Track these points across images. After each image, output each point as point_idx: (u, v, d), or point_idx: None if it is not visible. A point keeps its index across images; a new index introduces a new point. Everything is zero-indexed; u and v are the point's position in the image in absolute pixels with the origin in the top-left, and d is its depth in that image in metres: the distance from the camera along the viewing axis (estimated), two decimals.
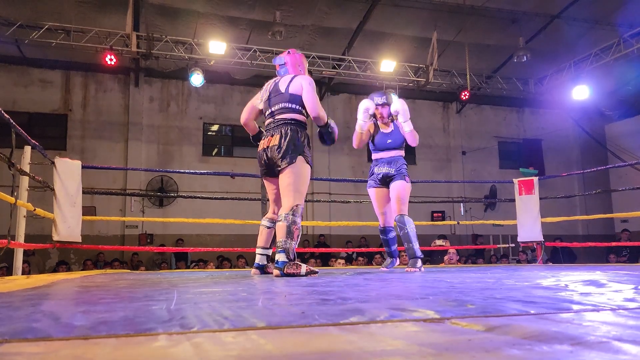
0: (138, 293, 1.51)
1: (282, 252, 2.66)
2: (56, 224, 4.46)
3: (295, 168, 2.85)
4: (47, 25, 8.18)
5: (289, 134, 2.91)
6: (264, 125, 3.21)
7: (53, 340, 0.64)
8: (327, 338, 0.69)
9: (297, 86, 3.04)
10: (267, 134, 3.05)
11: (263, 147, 3.03)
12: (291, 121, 2.98)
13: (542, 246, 5.75)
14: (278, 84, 3.15)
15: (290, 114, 3.00)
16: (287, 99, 3.03)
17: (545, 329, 0.74)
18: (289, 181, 2.85)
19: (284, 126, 2.96)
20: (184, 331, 0.71)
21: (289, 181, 2.85)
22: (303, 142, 2.96)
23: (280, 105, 3.04)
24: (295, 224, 2.73)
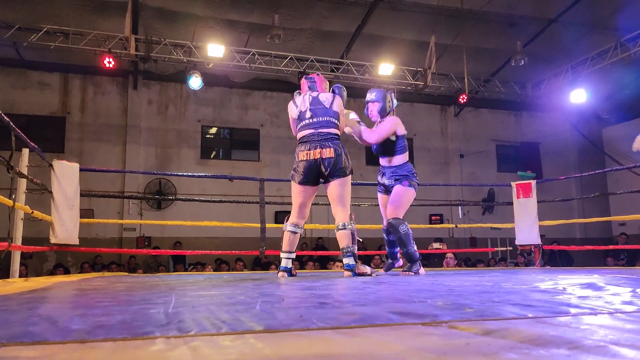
0: (136, 296, 1.51)
1: (350, 256, 3.05)
2: (54, 226, 4.45)
3: (347, 180, 3.22)
4: (46, 28, 8.18)
5: (343, 149, 3.25)
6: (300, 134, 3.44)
7: (50, 344, 0.64)
8: (325, 342, 0.69)
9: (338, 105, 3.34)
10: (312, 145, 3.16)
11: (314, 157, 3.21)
12: (337, 136, 3.29)
13: (540, 249, 5.75)
14: (318, 98, 3.37)
15: (335, 129, 3.29)
16: (332, 115, 3.30)
17: (543, 333, 0.74)
18: (342, 192, 3.21)
19: (332, 140, 3.24)
20: (182, 335, 0.71)
21: (342, 192, 3.22)
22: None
23: (326, 118, 3.29)
24: (355, 230, 3.13)
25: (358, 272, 3.00)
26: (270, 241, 5.83)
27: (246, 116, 11.42)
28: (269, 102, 11.64)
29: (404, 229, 3.51)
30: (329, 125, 3.23)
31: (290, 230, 3.37)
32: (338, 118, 3.30)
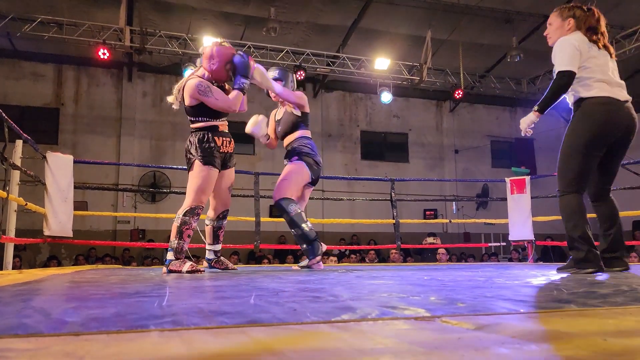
0: (129, 289, 1.51)
1: (170, 250, 2.78)
2: (47, 218, 4.43)
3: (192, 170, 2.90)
4: (40, 19, 8.11)
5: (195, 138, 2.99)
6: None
7: (44, 336, 0.64)
8: (318, 335, 0.69)
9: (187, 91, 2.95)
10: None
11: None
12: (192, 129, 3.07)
13: (533, 245, 5.79)
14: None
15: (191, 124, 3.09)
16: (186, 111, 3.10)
17: (535, 328, 0.75)
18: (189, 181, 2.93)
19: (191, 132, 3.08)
20: (176, 328, 0.71)
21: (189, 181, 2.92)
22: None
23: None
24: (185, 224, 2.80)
25: (170, 269, 2.72)
26: (264, 235, 5.84)
27: None
28: (264, 95, 11.48)
29: (293, 207, 3.13)
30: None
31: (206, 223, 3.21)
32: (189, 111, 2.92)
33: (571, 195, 2.39)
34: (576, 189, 2.39)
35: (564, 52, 2.37)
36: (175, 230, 2.79)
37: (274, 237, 9.92)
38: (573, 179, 2.39)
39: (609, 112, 2.34)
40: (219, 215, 3.14)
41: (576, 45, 2.37)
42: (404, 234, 6.37)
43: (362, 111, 12.40)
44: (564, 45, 2.39)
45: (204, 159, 2.84)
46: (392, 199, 6.17)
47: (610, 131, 2.35)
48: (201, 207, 2.86)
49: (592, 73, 2.38)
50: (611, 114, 2.34)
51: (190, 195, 2.84)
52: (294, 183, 3.26)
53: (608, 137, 2.36)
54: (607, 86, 2.38)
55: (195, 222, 2.85)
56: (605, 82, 2.38)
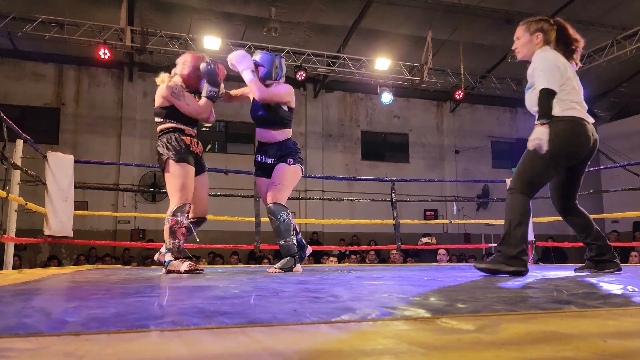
0: (130, 289, 1.51)
1: (167, 252, 2.79)
2: (48, 218, 4.43)
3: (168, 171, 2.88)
4: (41, 18, 8.11)
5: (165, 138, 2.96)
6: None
7: (44, 336, 0.64)
8: (318, 336, 0.69)
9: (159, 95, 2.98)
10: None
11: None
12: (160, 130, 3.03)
13: (534, 246, 5.79)
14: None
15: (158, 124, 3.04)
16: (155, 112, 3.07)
17: (534, 329, 0.75)
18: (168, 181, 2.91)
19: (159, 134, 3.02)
20: (176, 328, 0.71)
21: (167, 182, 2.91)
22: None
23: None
24: (177, 223, 2.79)
25: (169, 269, 2.73)
26: (264, 235, 5.83)
27: (241, 109, 11.37)
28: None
29: (285, 217, 2.99)
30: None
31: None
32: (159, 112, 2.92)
33: (522, 195, 2.42)
34: (528, 192, 2.43)
35: (547, 72, 2.40)
36: (168, 231, 2.79)
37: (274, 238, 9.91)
38: (529, 182, 2.43)
39: (580, 135, 2.41)
40: (193, 220, 3.05)
41: (559, 67, 2.43)
42: (404, 235, 6.38)
43: (363, 111, 12.40)
44: (547, 65, 2.41)
45: (177, 157, 2.81)
46: (392, 199, 6.17)
47: (579, 151, 2.44)
48: (188, 203, 2.83)
49: (569, 95, 2.45)
50: (582, 136, 2.42)
51: (173, 195, 2.83)
52: (289, 188, 3.09)
53: (575, 156, 2.45)
54: (580, 108, 2.46)
55: (186, 219, 2.82)
56: (579, 105, 2.46)
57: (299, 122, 11.88)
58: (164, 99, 2.88)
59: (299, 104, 11.94)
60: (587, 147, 2.43)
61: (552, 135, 2.34)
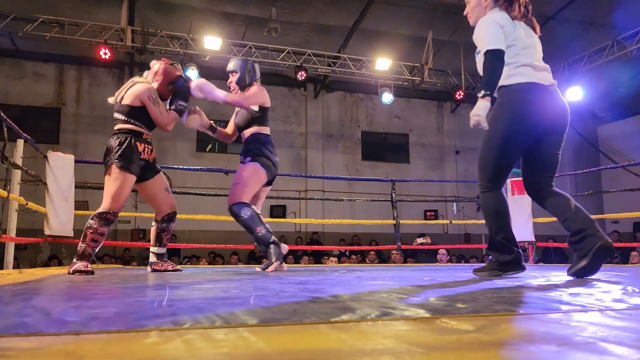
0: (130, 289, 1.51)
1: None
2: (48, 218, 4.44)
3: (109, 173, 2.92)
4: (42, 18, 8.11)
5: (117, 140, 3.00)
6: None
7: (44, 336, 0.64)
8: (318, 336, 0.69)
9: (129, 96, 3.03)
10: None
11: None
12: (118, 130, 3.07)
13: (534, 246, 5.80)
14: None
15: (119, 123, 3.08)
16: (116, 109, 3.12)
17: (533, 329, 0.75)
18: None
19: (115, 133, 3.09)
20: (176, 327, 0.71)
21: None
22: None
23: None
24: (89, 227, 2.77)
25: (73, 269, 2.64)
26: None
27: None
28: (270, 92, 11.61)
29: (246, 212, 2.98)
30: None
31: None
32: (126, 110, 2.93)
33: (493, 193, 2.19)
34: (496, 186, 2.19)
35: (487, 31, 2.16)
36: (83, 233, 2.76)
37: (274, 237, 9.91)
38: (495, 175, 2.17)
39: (531, 101, 2.09)
40: (163, 217, 3.08)
41: (500, 24, 2.16)
42: (404, 235, 6.38)
43: (363, 112, 12.41)
44: (487, 24, 2.18)
45: (121, 164, 2.81)
46: (392, 199, 6.17)
47: (534, 121, 2.10)
48: (113, 212, 2.80)
49: (516, 57, 2.15)
50: (534, 102, 2.09)
51: (104, 199, 2.82)
52: (248, 187, 3.07)
53: (531, 128, 2.11)
54: (531, 71, 2.14)
55: (104, 227, 2.77)
56: (530, 67, 2.15)
57: (299, 122, 11.88)
58: (138, 99, 2.88)
59: (298, 104, 11.96)
60: (545, 116, 2.10)
61: (500, 111, 2.11)
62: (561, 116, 2.15)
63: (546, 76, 2.18)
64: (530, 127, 2.11)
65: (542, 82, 2.13)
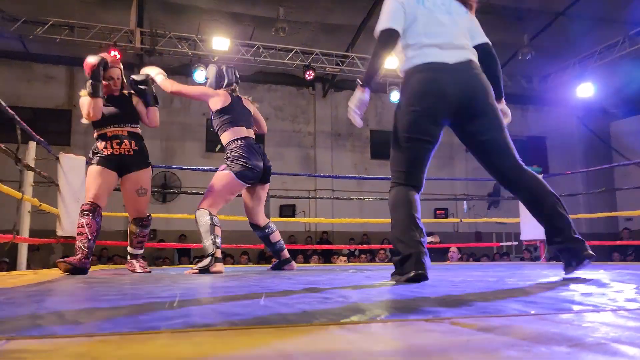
0: (141, 290, 1.53)
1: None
2: (60, 219, 4.48)
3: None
4: (52, 21, 8.20)
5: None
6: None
7: (58, 338, 0.65)
8: (328, 337, 0.70)
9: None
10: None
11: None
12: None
13: (546, 244, 5.75)
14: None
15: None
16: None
17: (544, 330, 0.75)
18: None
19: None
20: (187, 329, 0.72)
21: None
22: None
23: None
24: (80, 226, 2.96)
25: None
26: None
27: None
28: (273, 95, 11.64)
29: (204, 220, 3.04)
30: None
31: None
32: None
33: (398, 188, 1.93)
34: (405, 181, 1.92)
35: (384, 11, 1.94)
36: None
37: (284, 237, 9.92)
38: (401, 168, 1.94)
39: (427, 81, 1.83)
40: (135, 220, 3.20)
41: (401, 1, 1.92)
42: None
43: (372, 110, 12.38)
44: (388, 2, 1.96)
45: (91, 161, 3.07)
46: None
47: (435, 103, 1.83)
48: (88, 204, 2.96)
49: (418, 37, 1.88)
50: (431, 82, 1.83)
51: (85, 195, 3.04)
52: (218, 196, 3.13)
53: (434, 111, 1.85)
54: (435, 51, 1.86)
55: (82, 219, 2.93)
56: (436, 47, 1.87)
57: (307, 122, 11.89)
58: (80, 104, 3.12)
59: (307, 103, 11.97)
60: (448, 96, 1.82)
61: (401, 99, 1.91)
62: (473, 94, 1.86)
63: (454, 54, 1.87)
64: (430, 112, 1.84)
65: (443, 61, 1.84)
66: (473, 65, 1.89)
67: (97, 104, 2.98)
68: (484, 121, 1.90)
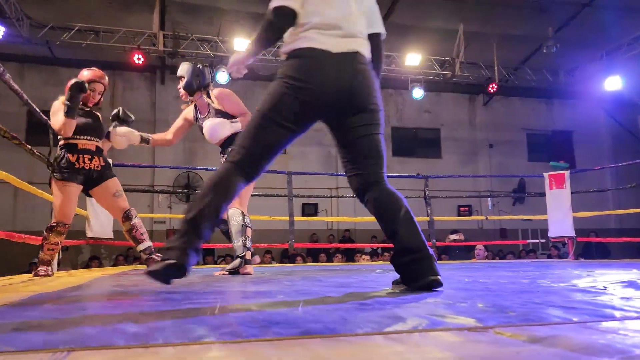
0: (176, 294, 1.55)
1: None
2: (89, 221, 4.60)
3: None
4: (77, 27, 8.38)
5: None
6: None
7: (117, 349, 0.67)
8: (374, 348, 0.70)
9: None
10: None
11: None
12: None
13: (574, 241, 5.64)
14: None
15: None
16: None
17: (592, 341, 0.74)
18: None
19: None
20: (237, 340, 0.73)
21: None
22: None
23: None
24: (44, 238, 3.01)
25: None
26: (298, 234, 5.88)
27: None
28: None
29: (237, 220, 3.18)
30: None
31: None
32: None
33: (227, 165, 1.67)
34: (236, 161, 1.67)
35: None
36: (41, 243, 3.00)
37: (306, 236, 9.97)
38: (240, 149, 1.68)
39: (305, 69, 1.65)
40: (122, 218, 3.23)
41: None
42: (436, 231, 6.31)
43: (393, 107, 12.31)
44: None
45: (60, 175, 3.01)
46: (425, 196, 6.11)
47: (310, 94, 1.63)
48: (62, 224, 2.97)
49: (308, 16, 1.69)
50: (309, 70, 1.64)
51: (54, 212, 3.04)
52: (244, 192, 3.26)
53: (306, 101, 1.64)
54: (318, 35, 1.67)
55: (56, 238, 2.97)
56: (324, 31, 1.67)
57: None
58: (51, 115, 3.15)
59: None
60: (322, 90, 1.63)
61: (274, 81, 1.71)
62: (351, 92, 1.66)
63: (341, 42, 1.68)
64: (294, 105, 1.64)
65: (327, 49, 1.65)
66: (359, 58, 1.70)
67: (70, 124, 3.07)
68: (362, 119, 1.70)
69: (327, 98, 1.64)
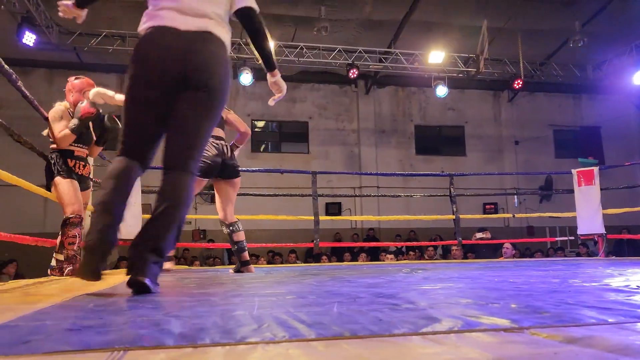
0: (212, 295, 1.60)
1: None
2: None
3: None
4: (104, 33, 8.58)
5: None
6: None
7: (168, 348, 0.71)
8: (414, 349, 0.72)
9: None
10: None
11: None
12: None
13: (604, 239, 5.53)
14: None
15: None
16: None
17: (629, 342, 0.74)
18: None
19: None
20: (278, 340, 0.76)
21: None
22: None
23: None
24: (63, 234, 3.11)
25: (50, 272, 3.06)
26: (323, 233, 5.92)
27: (294, 109, 11.56)
28: (316, 94, 11.72)
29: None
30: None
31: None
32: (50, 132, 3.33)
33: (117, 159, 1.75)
34: (122, 150, 1.75)
35: None
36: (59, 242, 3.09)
37: (330, 235, 10.01)
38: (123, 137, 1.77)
39: (142, 46, 1.74)
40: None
41: None
42: (462, 229, 6.26)
43: (416, 105, 12.24)
44: None
45: (65, 173, 3.16)
46: (451, 194, 6.07)
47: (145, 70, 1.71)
48: (75, 215, 3.09)
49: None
50: (146, 46, 1.73)
51: (63, 209, 3.13)
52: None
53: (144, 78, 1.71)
54: (173, 14, 1.73)
55: (73, 230, 3.06)
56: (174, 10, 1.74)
57: (351, 119, 11.89)
58: (50, 121, 3.27)
59: (350, 101, 11.97)
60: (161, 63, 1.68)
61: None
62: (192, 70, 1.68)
63: (190, 21, 1.73)
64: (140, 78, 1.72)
65: (174, 26, 1.71)
66: (209, 37, 1.74)
67: (72, 139, 3.27)
68: (191, 98, 1.71)
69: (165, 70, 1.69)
